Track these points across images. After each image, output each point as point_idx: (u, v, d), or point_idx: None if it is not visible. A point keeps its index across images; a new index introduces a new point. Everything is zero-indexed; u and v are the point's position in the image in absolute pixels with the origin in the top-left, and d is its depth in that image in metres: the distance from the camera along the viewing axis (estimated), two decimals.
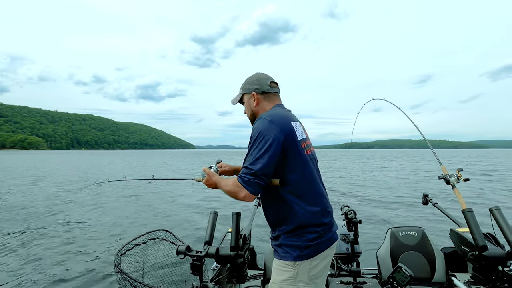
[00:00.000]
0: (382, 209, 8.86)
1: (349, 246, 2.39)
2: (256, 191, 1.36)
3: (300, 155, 1.40)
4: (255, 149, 1.35)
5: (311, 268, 1.36)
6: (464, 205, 1.95)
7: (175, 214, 8.76)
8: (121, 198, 11.61)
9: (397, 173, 22.46)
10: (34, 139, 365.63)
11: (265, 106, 1.56)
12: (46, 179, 18.74)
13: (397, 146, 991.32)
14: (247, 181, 1.34)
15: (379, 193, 12.19)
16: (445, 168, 2.16)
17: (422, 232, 2.35)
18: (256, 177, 1.33)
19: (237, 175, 1.40)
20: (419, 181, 17.22)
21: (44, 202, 10.44)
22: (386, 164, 36.28)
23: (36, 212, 8.89)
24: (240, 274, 1.94)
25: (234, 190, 1.38)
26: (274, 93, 1.59)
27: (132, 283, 1.56)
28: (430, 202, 2.47)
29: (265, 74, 1.62)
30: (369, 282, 2.20)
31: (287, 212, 1.39)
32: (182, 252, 1.72)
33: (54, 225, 7.41)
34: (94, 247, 5.68)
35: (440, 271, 2.18)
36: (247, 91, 1.59)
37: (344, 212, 2.29)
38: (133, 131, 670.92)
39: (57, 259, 5.07)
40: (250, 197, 1.36)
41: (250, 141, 1.40)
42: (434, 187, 13.77)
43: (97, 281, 4.18)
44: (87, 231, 6.88)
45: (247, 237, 2.10)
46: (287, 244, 1.39)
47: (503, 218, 1.86)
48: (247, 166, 1.36)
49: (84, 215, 8.51)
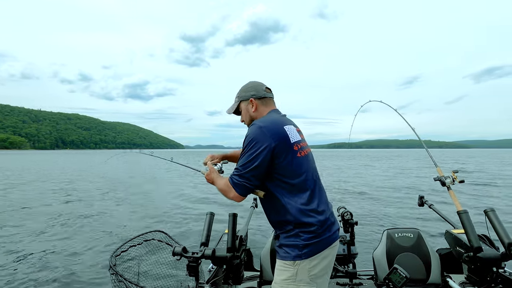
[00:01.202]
0: (378, 211, 8.95)
1: (345, 247, 2.39)
2: (243, 193, 1.45)
3: (294, 157, 1.43)
4: (246, 153, 1.43)
5: (311, 267, 1.37)
6: (459, 207, 1.97)
7: (171, 215, 8.68)
8: (116, 197, 11.42)
9: (392, 174, 22.74)
10: (17, 138, 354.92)
11: (262, 112, 1.61)
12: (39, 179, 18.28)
13: (385, 146, 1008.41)
14: (236, 183, 1.43)
15: (375, 194, 12.29)
16: (440, 170, 2.18)
17: (418, 233, 2.35)
18: (244, 180, 1.41)
19: (229, 176, 1.48)
20: (415, 182, 17.43)
21: (35, 202, 10.18)
22: (380, 164, 36.76)
23: (30, 212, 8.68)
24: (237, 276, 1.94)
25: (225, 190, 1.50)
26: (269, 98, 1.65)
27: (128, 285, 1.54)
28: (426, 203, 2.49)
29: (257, 81, 1.69)
30: (365, 283, 2.21)
31: (284, 212, 1.42)
32: (178, 254, 1.71)
33: (47, 224, 7.26)
34: (88, 248, 5.58)
35: (436, 272, 2.20)
36: (244, 98, 1.64)
37: (341, 214, 2.29)
38: (120, 130, 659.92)
39: (51, 260, 4.97)
40: (238, 197, 1.45)
41: (243, 145, 1.48)
42: (427, 188, 14.03)
43: (92, 283, 4.10)
44: (81, 231, 6.76)
45: (244, 238, 2.09)
46: (286, 244, 1.41)
47: (497, 220, 1.88)
48: (238, 168, 1.45)
49: (78, 215, 8.36)
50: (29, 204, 9.99)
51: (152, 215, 8.60)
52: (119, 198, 11.43)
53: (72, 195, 12.10)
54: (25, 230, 6.80)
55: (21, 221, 7.59)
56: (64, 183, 16.35)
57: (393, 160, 47.58)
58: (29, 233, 6.55)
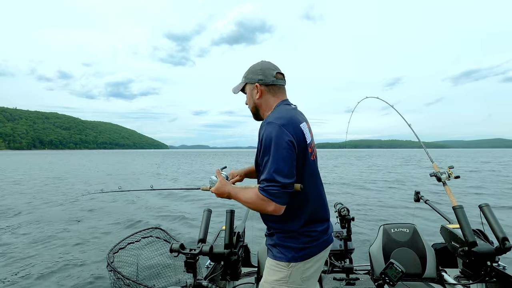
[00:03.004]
0: (375, 206, 8.99)
1: (342, 243, 2.40)
2: (286, 202, 1.24)
3: (307, 160, 1.33)
4: (272, 157, 1.22)
5: (305, 270, 1.33)
6: (454, 202, 2.01)
7: (168, 212, 8.49)
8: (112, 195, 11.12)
9: (387, 171, 23.00)
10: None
11: (269, 100, 1.43)
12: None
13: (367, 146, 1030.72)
14: (275, 193, 1.21)
15: (371, 191, 12.36)
16: (436, 166, 2.21)
17: (414, 228, 2.37)
18: (283, 188, 1.21)
19: (259, 187, 1.25)
20: (410, 177, 17.72)
21: (27, 204, 9.79)
22: (374, 162, 37.15)
23: (21, 209, 8.39)
24: (234, 272, 1.95)
25: (260, 204, 1.24)
26: (279, 86, 1.43)
27: (126, 282, 1.52)
28: (422, 199, 2.51)
29: (271, 63, 1.46)
30: (362, 278, 2.22)
31: (288, 214, 1.32)
32: (176, 250, 1.70)
33: (44, 222, 7.04)
34: (85, 245, 5.43)
35: (431, 266, 2.23)
36: (250, 81, 1.43)
37: (337, 209, 2.30)
38: (102, 130, 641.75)
39: (46, 256, 4.84)
40: (280, 209, 1.24)
41: (264, 149, 1.26)
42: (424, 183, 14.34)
43: (90, 280, 3.98)
44: (77, 228, 6.57)
45: (241, 234, 2.11)
46: (282, 244, 1.35)
47: (492, 215, 1.92)
48: (270, 178, 1.21)
49: (75, 213, 8.12)
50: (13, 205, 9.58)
51: (148, 212, 8.43)
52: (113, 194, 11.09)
53: (67, 194, 11.72)
54: (15, 230, 6.55)
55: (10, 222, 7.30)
56: (56, 182, 15.73)
57: (381, 158, 48.37)
58: (18, 233, 6.31)
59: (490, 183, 14.62)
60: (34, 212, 8.43)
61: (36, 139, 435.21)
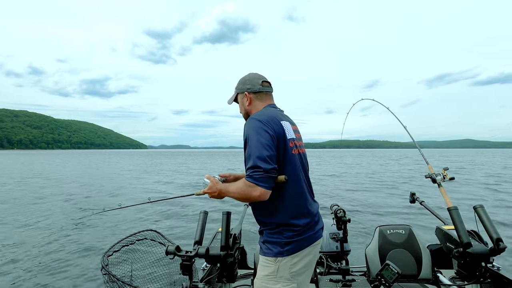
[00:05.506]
0: (371, 208, 9.08)
1: (338, 244, 2.42)
2: (270, 185, 1.32)
3: (287, 154, 1.41)
4: (253, 146, 1.33)
5: (292, 264, 1.38)
6: (449, 203, 2.03)
7: (163, 213, 8.32)
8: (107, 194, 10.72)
9: (383, 172, 23.28)
10: None
11: (257, 105, 1.60)
12: None
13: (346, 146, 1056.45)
14: (259, 178, 1.28)
15: (367, 192, 12.45)
16: (431, 167, 2.23)
17: (409, 230, 2.39)
18: (266, 172, 1.29)
19: (245, 175, 1.34)
20: (405, 178, 18.01)
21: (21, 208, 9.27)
22: (366, 163, 37.70)
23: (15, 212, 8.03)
24: (230, 274, 1.94)
25: (245, 191, 1.32)
26: (266, 92, 1.62)
27: (120, 285, 1.48)
28: (417, 200, 2.52)
29: (257, 74, 1.66)
30: (358, 279, 2.23)
31: (271, 209, 1.42)
32: (172, 253, 1.67)
33: (37, 224, 6.79)
34: (79, 248, 5.26)
35: (426, 267, 2.23)
36: (240, 91, 1.63)
37: (334, 211, 2.30)
38: (76, 129, 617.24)
39: (40, 260, 4.66)
40: (266, 193, 1.31)
41: (245, 140, 1.39)
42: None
43: (84, 284, 3.86)
44: (70, 231, 6.35)
45: (237, 236, 2.10)
46: (269, 240, 1.42)
47: (486, 216, 1.93)
48: (254, 165, 1.30)
49: (68, 215, 7.86)
50: None
51: (143, 214, 8.22)
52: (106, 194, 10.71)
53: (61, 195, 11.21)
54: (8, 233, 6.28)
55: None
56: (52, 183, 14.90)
57: (366, 159, 49.14)
58: (13, 237, 6.02)
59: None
60: None
61: (3, 138, 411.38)
